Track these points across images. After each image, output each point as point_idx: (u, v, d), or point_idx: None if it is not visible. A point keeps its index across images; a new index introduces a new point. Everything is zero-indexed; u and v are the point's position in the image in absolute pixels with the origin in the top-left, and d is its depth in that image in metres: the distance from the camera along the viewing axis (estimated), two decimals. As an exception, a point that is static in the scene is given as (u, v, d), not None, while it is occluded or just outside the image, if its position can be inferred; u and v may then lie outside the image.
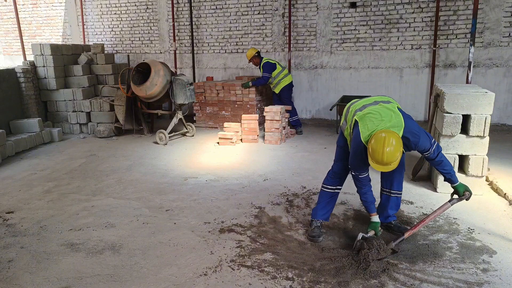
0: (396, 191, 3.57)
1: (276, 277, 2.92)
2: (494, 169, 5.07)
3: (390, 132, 2.84)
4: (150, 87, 7.03)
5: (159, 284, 2.88)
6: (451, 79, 7.89)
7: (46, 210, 4.27)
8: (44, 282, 2.95)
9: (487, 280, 2.83)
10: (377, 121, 3.01)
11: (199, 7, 9.54)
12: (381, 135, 2.81)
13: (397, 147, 2.79)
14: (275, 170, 5.48)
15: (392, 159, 2.80)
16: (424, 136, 3.05)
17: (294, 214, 4.02)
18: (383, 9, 8.12)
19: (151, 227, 3.82)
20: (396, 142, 2.80)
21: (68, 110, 8.26)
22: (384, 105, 3.18)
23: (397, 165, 2.88)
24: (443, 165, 3.18)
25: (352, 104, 3.41)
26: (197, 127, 8.27)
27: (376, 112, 3.09)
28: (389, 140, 2.78)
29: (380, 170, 2.92)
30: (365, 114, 3.12)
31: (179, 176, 5.31)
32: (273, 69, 7.58)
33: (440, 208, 3.28)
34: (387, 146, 2.76)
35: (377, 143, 2.80)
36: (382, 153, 2.77)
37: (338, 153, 3.58)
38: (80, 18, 10.73)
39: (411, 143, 3.01)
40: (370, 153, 2.86)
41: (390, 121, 3.00)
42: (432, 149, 3.09)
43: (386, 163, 2.81)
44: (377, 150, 2.79)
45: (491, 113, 4.21)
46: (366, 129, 3.02)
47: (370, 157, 2.88)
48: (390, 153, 2.77)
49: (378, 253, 3.01)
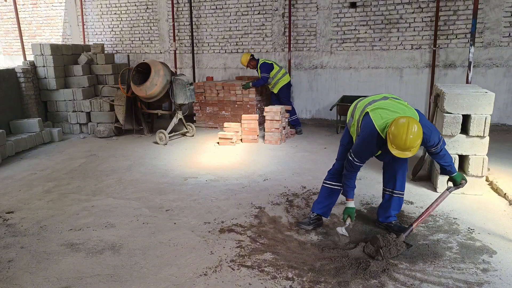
0: (399, 191, 3.57)
1: (276, 277, 2.92)
2: (494, 169, 5.07)
3: (411, 118, 2.84)
4: (150, 87, 7.03)
5: (159, 284, 2.88)
6: (451, 79, 7.89)
7: (46, 210, 4.27)
8: (44, 282, 2.95)
9: (487, 280, 2.83)
10: (390, 112, 3.02)
11: (199, 7, 9.54)
12: (402, 121, 2.80)
13: (419, 133, 2.81)
14: (275, 170, 5.48)
15: (414, 144, 2.80)
16: (435, 131, 3.08)
17: (294, 214, 4.02)
18: (383, 9, 8.12)
19: (151, 227, 3.82)
20: (418, 128, 2.81)
21: (68, 110, 8.26)
22: (395, 101, 3.22)
23: (416, 152, 2.89)
24: (445, 158, 3.21)
25: (360, 101, 3.43)
26: (197, 127, 8.27)
27: (388, 105, 3.12)
28: (412, 124, 2.78)
29: (400, 156, 2.89)
30: (377, 107, 3.13)
31: (179, 176, 5.31)
32: (271, 69, 7.60)
33: (441, 196, 3.32)
34: (410, 130, 2.76)
35: (399, 128, 2.80)
36: (405, 137, 2.77)
37: (341, 151, 3.61)
38: (80, 18, 10.73)
39: (424, 136, 2.99)
40: (390, 139, 2.85)
41: (404, 113, 3.00)
42: (440, 144, 3.10)
43: (408, 147, 2.81)
44: (399, 135, 2.78)
45: (491, 113, 4.21)
46: (379, 117, 3.02)
47: (390, 143, 2.86)
48: (413, 137, 2.78)
49: (397, 249, 3.08)
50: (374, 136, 3.02)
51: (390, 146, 2.88)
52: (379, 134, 3.00)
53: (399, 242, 3.15)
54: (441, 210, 4.02)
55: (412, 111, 3.07)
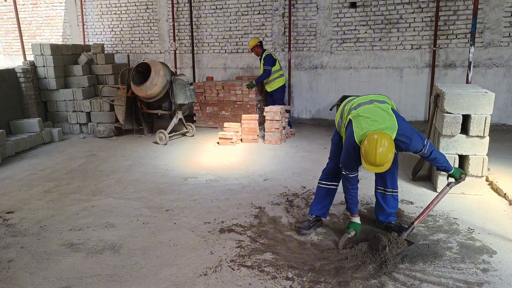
0: (391, 189, 3.57)
1: (276, 277, 2.92)
2: (494, 169, 5.07)
3: (382, 134, 2.86)
4: (150, 87, 7.03)
5: (159, 284, 2.88)
6: (451, 79, 7.89)
7: (46, 210, 4.27)
8: (44, 282, 2.95)
9: (487, 280, 2.83)
10: (371, 121, 3.03)
11: (199, 7, 9.54)
12: (373, 137, 2.83)
13: (389, 149, 2.82)
14: (275, 170, 5.48)
15: (385, 160, 2.83)
16: (416, 137, 3.07)
17: (294, 214, 4.02)
18: (383, 9, 8.12)
19: (151, 227, 3.82)
20: (388, 144, 2.82)
21: (68, 110, 8.26)
22: (379, 105, 3.19)
23: (390, 166, 2.91)
24: (437, 161, 3.24)
25: (348, 101, 3.43)
26: (197, 127, 8.27)
27: (370, 112, 3.11)
28: (381, 141, 2.80)
29: (373, 171, 2.95)
30: (359, 113, 3.14)
31: (179, 176, 5.31)
32: (273, 64, 7.56)
33: (441, 192, 3.34)
34: (380, 147, 2.79)
35: (369, 144, 2.83)
36: (375, 155, 2.80)
37: (333, 150, 3.63)
38: (80, 18, 10.73)
39: (403, 145, 3.05)
40: (363, 155, 2.89)
41: (384, 122, 3.01)
42: (426, 149, 3.13)
43: (379, 164, 2.84)
44: (370, 152, 2.82)
45: (491, 113, 4.21)
46: (360, 128, 3.04)
47: (363, 159, 2.91)
48: (383, 154, 2.80)
49: (398, 247, 3.10)
50: (355, 148, 3.06)
51: (363, 162, 2.91)
52: (358, 145, 3.03)
53: (401, 240, 3.17)
54: (441, 210, 4.02)
55: (391, 120, 3.04)
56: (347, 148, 3.15)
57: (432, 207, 3.31)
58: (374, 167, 2.88)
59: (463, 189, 4.41)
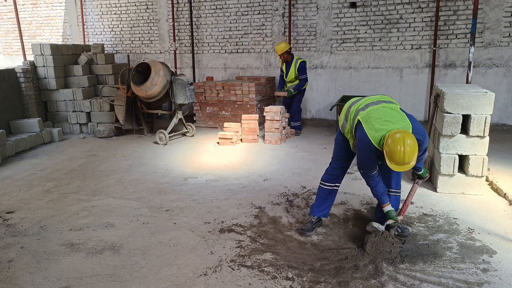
0: (395, 190, 3.58)
1: (276, 277, 2.92)
2: (494, 169, 5.07)
3: (405, 132, 2.86)
4: (150, 87, 7.03)
5: (159, 284, 2.88)
6: (451, 79, 7.89)
7: (46, 210, 4.27)
8: (44, 282, 2.95)
9: (487, 280, 2.83)
10: (383, 122, 3.02)
11: (199, 7, 9.54)
12: (397, 136, 2.82)
13: (414, 146, 2.83)
14: (275, 170, 5.48)
15: (412, 157, 2.83)
16: (426, 134, 3.13)
17: (294, 214, 4.02)
18: (383, 9, 8.12)
19: (151, 227, 3.82)
20: (412, 141, 2.82)
21: (68, 110, 8.26)
22: (387, 105, 3.19)
23: (414, 164, 2.91)
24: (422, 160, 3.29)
25: (353, 103, 3.39)
26: (197, 127, 8.27)
27: (380, 112, 3.10)
28: (406, 140, 2.80)
29: (399, 170, 2.93)
30: (369, 115, 3.11)
31: (179, 176, 5.31)
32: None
33: (412, 189, 3.46)
34: (407, 146, 2.79)
35: (394, 144, 2.81)
36: (403, 154, 2.79)
37: (336, 150, 3.62)
38: (80, 18, 10.73)
39: (419, 143, 3.02)
40: (388, 155, 2.87)
41: (397, 122, 3.01)
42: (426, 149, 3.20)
43: (407, 162, 2.84)
44: (396, 151, 2.80)
45: (491, 113, 4.21)
46: (373, 130, 3.02)
47: (388, 159, 2.89)
48: (410, 152, 2.80)
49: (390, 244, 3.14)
50: (372, 150, 3.04)
51: (389, 162, 2.90)
52: (376, 147, 3.02)
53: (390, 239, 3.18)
54: (441, 210, 4.02)
55: (403, 119, 3.06)
56: (363, 151, 3.13)
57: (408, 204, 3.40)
58: (400, 166, 2.87)
59: (463, 189, 4.42)
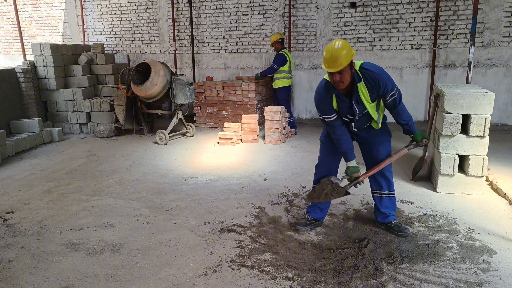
0: (387, 191, 3.56)
1: (276, 277, 2.92)
2: (494, 169, 5.07)
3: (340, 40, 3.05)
4: (150, 87, 7.03)
5: (159, 284, 2.88)
6: (451, 79, 7.89)
7: (46, 210, 4.27)
8: (44, 282, 2.95)
9: (487, 280, 2.83)
10: None
11: (199, 7, 9.54)
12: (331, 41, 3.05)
13: (344, 48, 2.95)
14: (275, 170, 5.48)
15: (337, 56, 2.92)
16: (385, 74, 3.11)
17: (294, 214, 4.02)
18: (383, 9, 8.12)
19: (151, 227, 3.82)
20: (344, 45, 2.97)
21: (68, 110, 8.26)
22: None
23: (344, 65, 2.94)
24: (404, 115, 3.27)
25: None
26: (197, 127, 8.27)
27: None
28: (337, 42, 3.00)
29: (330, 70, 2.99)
30: None
31: (179, 176, 5.31)
32: (283, 63, 7.53)
33: (397, 153, 3.41)
34: (335, 45, 2.97)
35: (328, 44, 3.05)
36: (331, 49, 2.96)
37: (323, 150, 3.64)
38: (80, 18, 10.73)
39: (372, 75, 3.06)
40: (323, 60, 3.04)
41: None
42: (397, 94, 3.15)
43: (334, 57, 2.93)
44: (326, 48, 3.01)
45: (491, 113, 4.21)
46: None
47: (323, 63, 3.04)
48: (338, 48, 2.94)
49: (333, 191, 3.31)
50: (323, 84, 3.19)
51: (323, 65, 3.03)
52: (326, 81, 3.17)
53: (340, 189, 3.33)
54: (441, 210, 4.02)
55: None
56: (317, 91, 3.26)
57: (383, 165, 3.37)
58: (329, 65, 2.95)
59: (463, 189, 4.42)
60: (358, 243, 3.38)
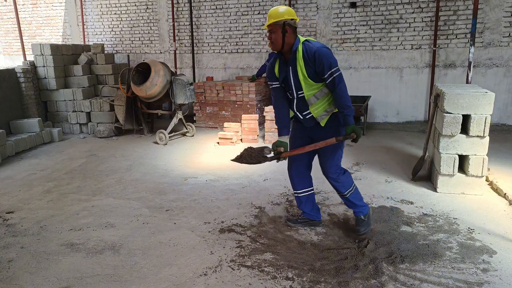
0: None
1: (276, 277, 2.92)
2: (494, 169, 5.07)
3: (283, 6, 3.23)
4: (150, 87, 7.03)
5: (159, 284, 2.88)
6: (451, 79, 7.89)
7: (46, 210, 4.27)
8: (44, 282, 2.95)
9: (487, 280, 2.83)
10: None
11: (199, 7, 9.54)
12: None
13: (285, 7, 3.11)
14: (275, 170, 5.48)
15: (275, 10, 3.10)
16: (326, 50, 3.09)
17: (294, 214, 4.02)
18: (383, 9, 8.12)
19: (151, 227, 3.82)
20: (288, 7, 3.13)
21: (68, 110, 8.26)
22: None
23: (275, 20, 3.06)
24: (342, 102, 3.06)
25: None
26: (197, 127, 8.27)
27: None
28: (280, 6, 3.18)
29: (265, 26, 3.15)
30: None
31: (179, 176, 5.31)
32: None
33: (325, 141, 3.20)
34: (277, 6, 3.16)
35: None
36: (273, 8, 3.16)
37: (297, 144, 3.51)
38: (80, 18, 10.73)
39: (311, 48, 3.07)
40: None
41: None
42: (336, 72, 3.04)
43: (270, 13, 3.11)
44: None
45: (491, 113, 4.21)
46: None
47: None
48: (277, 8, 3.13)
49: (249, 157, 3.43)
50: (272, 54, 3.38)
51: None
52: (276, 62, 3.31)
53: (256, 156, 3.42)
54: (441, 210, 4.02)
55: None
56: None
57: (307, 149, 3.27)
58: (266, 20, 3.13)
59: (463, 189, 4.42)
60: (358, 243, 3.38)
